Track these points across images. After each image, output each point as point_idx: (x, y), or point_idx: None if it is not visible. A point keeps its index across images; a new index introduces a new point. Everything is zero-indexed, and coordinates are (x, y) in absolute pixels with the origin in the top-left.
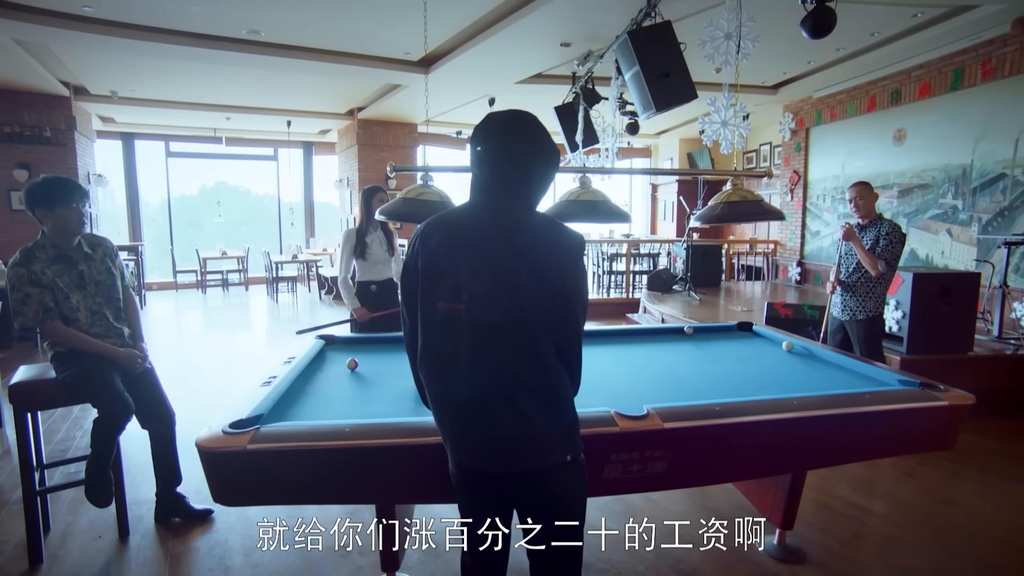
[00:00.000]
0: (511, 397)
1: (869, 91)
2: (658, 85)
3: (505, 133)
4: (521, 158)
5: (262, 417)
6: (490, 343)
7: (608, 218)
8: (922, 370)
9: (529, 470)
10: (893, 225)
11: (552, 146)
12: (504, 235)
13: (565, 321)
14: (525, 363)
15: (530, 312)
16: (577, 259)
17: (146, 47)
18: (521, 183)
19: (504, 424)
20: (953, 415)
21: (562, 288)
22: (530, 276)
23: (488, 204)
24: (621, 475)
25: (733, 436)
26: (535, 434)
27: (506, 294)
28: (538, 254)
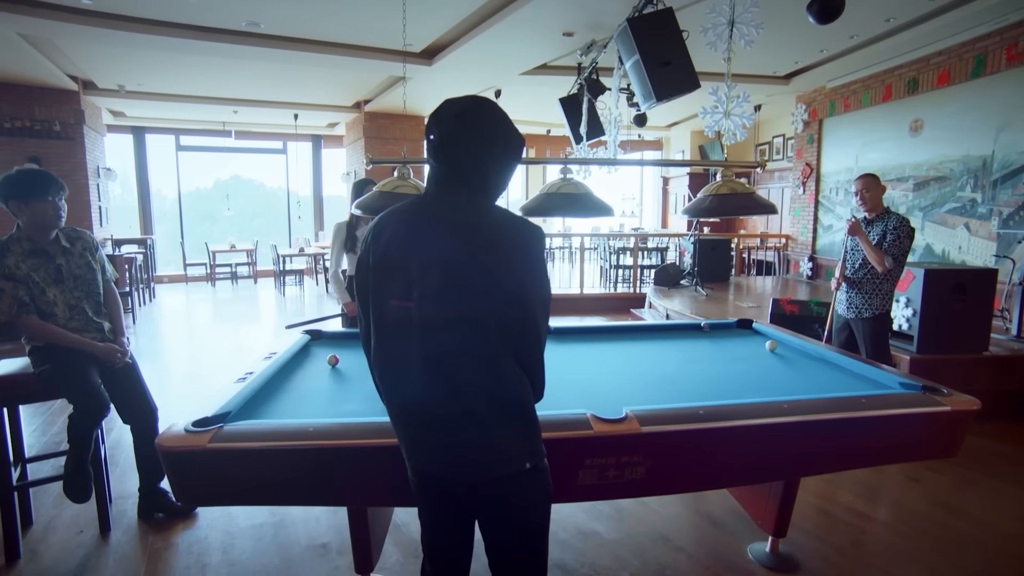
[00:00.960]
0: (465, 401)
1: (885, 80)
2: (658, 74)
3: (459, 121)
4: (476, 147)
5: (229, 415)
6: (442, 343)
7: (590, 212)
8: (933, 370)
9: (485, 478)
10: (901, 219)
11: (512, 134)
12: (455, 228)
13: (522, 322)
14: (479, 365)
15: (482, 311)
16: (533, 255)
17: (146, 40)
18: (476, 173)
19: (458, 430)
20: (956, 421)
21: (516, 286)
22: (481, 272)
23: (441, 196)
24: (597, 481)
25: (717, 442)
26: (491, 441)
27: (457, 291)
28: (489, 249)
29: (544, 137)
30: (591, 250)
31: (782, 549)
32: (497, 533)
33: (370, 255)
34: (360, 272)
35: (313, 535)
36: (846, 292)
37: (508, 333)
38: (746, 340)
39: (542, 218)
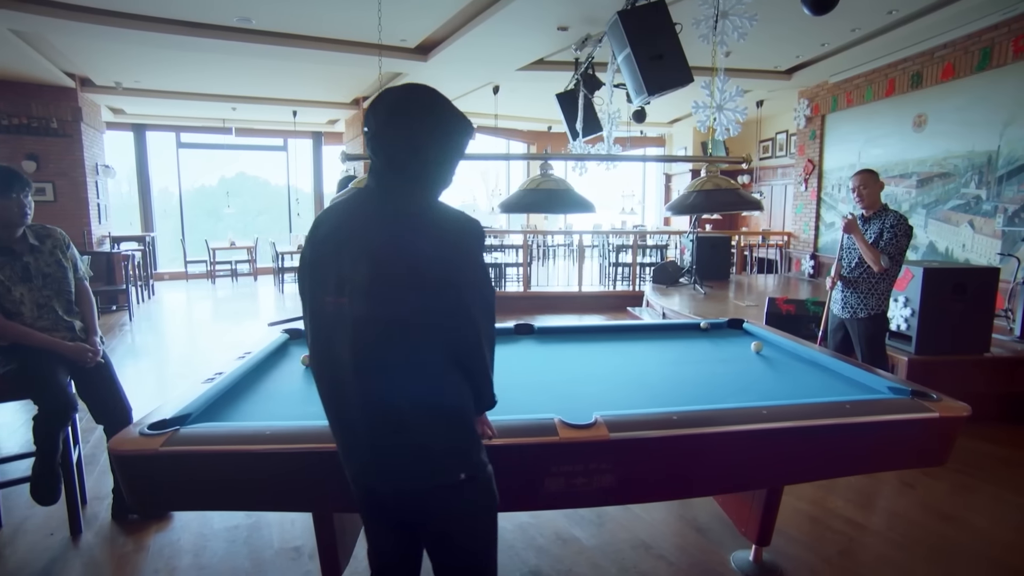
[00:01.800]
0: (392, 405)
1: (888, 74)
2: (650, 68)
3: (394, 110)
4: (413, 138)
5: (189, 417)
6: (372, 344)
7: (570, 207)
8: (932, 372)
9: (416, 488)
10: (899, 217)
11: (454, 123)
12: (386, 222)
13: (457, 324)
14: (407, 368)
15: (411, 309)
16: (467, 251)
17: (138, 36)
18: (413, 165)
19: (388, 437)
20: (945, 428)
21: (447, 284)
22: (409, 269)
23: (378, 189)
24: (564, 488)
25: (692, 449)
26: (419, 448)
27: (386, 288)
28: (418, 244)
29: (546, 134)
30: (591, 247)
31: (766, 558)
32: (436, 549)
33: (308, 250)
34: (301, 270)
35: (287, 538)
36: (841, 291)
37: (441, 334)
38: (734, 341)
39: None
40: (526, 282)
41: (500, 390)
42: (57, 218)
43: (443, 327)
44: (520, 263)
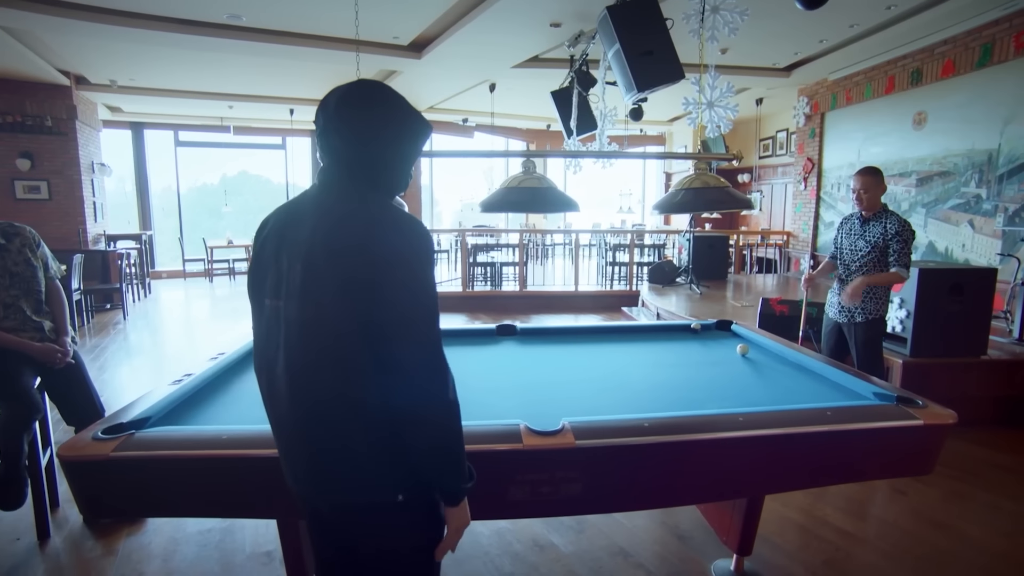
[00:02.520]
0: (321, 415)
1: (888, 71)
2: (639, 64)
3: (342, 105)
4: (360, 135)
5: (148, 420)
6: (302, 348)
7: (552, 207)
8: (927, 375)
9: (351, 504)
10: (902, 222)
11: (407, 120)
12: (323, 223)
13: (389, 331)
14: (339, 374)
15: (340, 314)
16: (403, 262)
17: (127, 33)
18: (359, 163)
19: (315, 445)
20: (929, 436)
21: (378, 289)
22: (340, 274)
23: (321, 188)
24: (529, 497)
25: (663, 458)
26: (352, 459)
27: (317, 291)
28: (352, 248)
29: (545, 132)
30: (588, 247)
31: (747, 567)
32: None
33: (253, 249)
34: (248, 270)
35: (260, 542)
36: (838, 295)
37: (374, 342)
38: (722, 343)
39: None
40: (522, 281)
41: (473, 393)
42: (52, 216)
43: (373, 334)
44: (516, 262)
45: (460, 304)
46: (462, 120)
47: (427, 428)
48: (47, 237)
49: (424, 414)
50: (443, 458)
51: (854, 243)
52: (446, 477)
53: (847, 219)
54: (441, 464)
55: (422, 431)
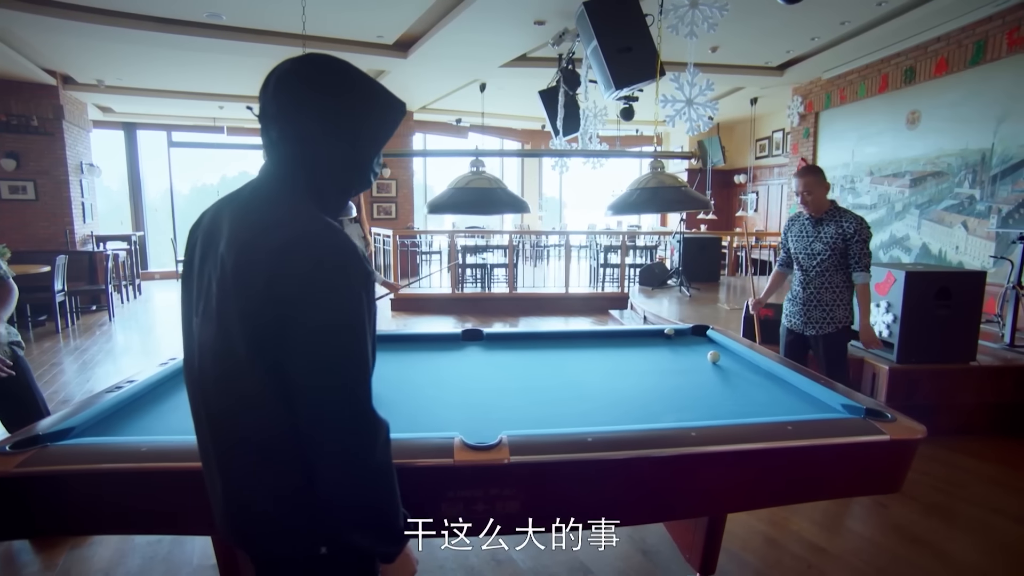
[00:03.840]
0: (232, 457)
1: (881, 70)
2: (617, 61)
3: (280, 89)
4: (294, 118)
5: (70, 432)
6: (214, 379)
7: (501, 207)
8: (915, 381)
9: (262, 555)
10: (859, 221)
11: (359, 103)
12: (237, 235)
13: (300, 383)
14: (246, 416)
15: (236, 335)
16: (318, 294)
17: (106, 31)
18: (292, 155)
19: (228, 490)
20: (896, 452)
21: (286, 329)
22: (239, 286)
23: (253, 187)
24: (463, 514)
25: (606, 474)
26: (262, 512)
27: (226, 317)
28: (257, 273)
29: (540, 132)
30: (581, 248)
31: None
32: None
33: (186, 251)
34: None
35: (208, 554)
36: (803, 305)
37: (286, 390)
38: (693, 349)
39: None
40: (511, 283)
41: (420, 403)
42: (39, 217)
43: (268, 360)
44: (506, 263)
45: (449, 306)
46: (455, 120)
47: (346, 493)
48: (34, 238)
49: (341, 479)
50: (366, 523)
51: (809, 246)
52: (368, 540)
53: (795, 220)
54: (363, 529)
55: (340, 495)
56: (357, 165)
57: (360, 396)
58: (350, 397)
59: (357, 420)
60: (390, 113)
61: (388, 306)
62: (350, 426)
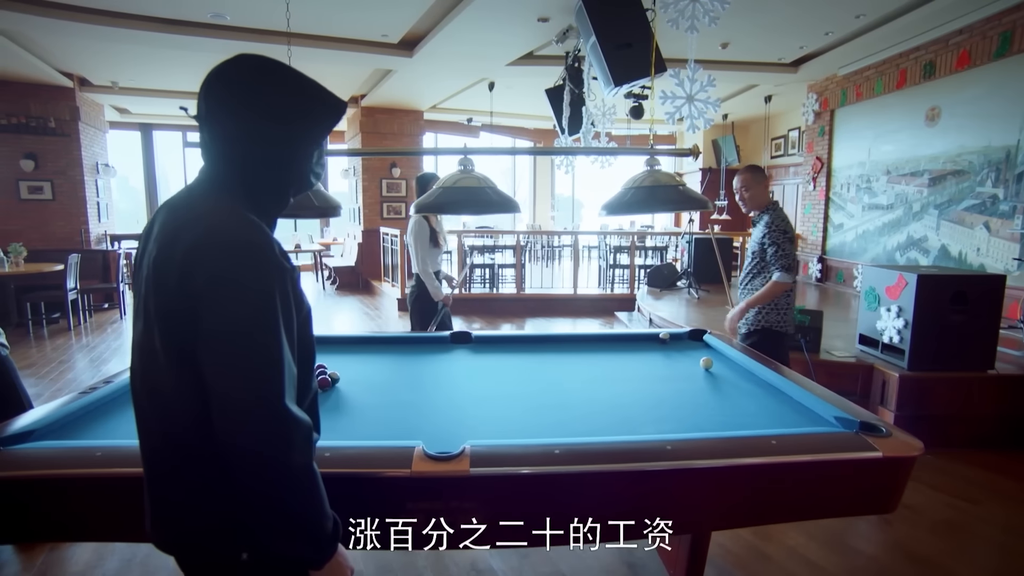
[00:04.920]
0: (152, 457)
1: (899, 64)
2: (616, 57)
3: (210, 92)
4: (224, 119)
5: (32, 435)
6: (140, 379)
7: (491, 208)
8: (926, 389)
9: (183, 561)
10: (774, 219)
11: (290, 104)
12: (165, 230)
13: (213, 381)
14: (163, 414)
15: (164, 348)
16: (229, 288)
17: (113, 32)
18: (221, 156)
19: (150, 492)
20: (888, 471)
21: (198, 324)
22: (158, 288)
23: (187, 189)
24: (421, 528)
25: (573, 490)
26: (180, 515)
27: (148, 315)
28: (172, 267)
29: (553, 131)
30: (591, 248)
31: None
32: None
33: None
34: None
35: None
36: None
37: (200, 388)
38: (687, 355)
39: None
40: (519, 284)
41: (389, 409)
42: (55, 216)
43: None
44: (514, 264)
45: (456, 307)
46: (467, 120)
47: (263, 497)
48: (51, 237)
49: (257, 483)
50: (287, 528)
51: (750, 246)
52: (291, 546)
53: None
54: (284, 534)
55: (257, 499)
56: (292, 165)
57: (271, 396)
58: (260, 397)
59: (269, 421)
60: (325, 113)
61: (395, 307)
62: (262, 427)
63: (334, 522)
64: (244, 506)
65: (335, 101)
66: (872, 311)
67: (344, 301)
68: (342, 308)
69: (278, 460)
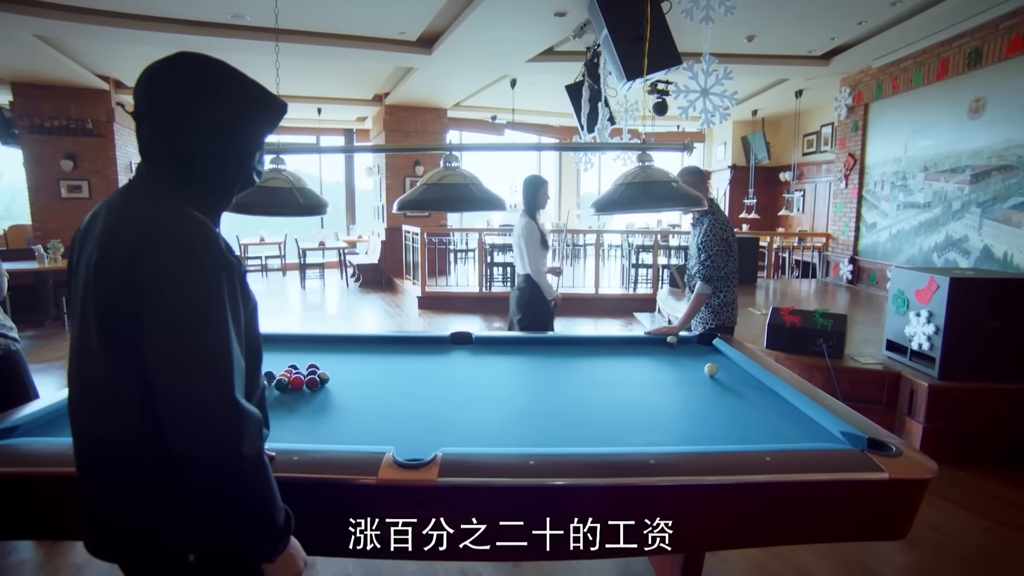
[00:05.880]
0: (89, 460)
1: (941, 54)
2: (628, 51)
3: (147, 88)
4: (161, 115)
5: (15, 431)
6: (77, 379)
7: (476, 205)
8: (959, 401)
9: (125, 566)
10: (710, 224)
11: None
12: (101, 229)
13: (157, 378)
14: (102, 415)
15: (102, 345)
16: (173, 282)
17: (144, 36)
18: (161, 151)
19: (87, 497)
20: (896, 494)
21: (142, 321)
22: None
23: (126, 186)
24: (387, 537)
25: (546, 504)
26: (121, 519)
27: (86, 313)
28: (113, 262)
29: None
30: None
31: None
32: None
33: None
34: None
35: None
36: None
37: (143, 385)
38: (693, 360)
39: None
40: None
41: (367, 413)
42: None
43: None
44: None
45: (476, 305)
46: (490, 117)
47: (211, 491)
48: None
49: (205, 477)
50: (237, 521)
51: (691, 248)
52: (243, 539)
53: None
54: (234, 527)
55: (205, 494)
56: (233, 162)
57: (220, 389)
58: (209, 391)
59: (219, 414)
60: (264, 111)
61: (415, 304)
62: (212, 421)
63: (286, 515)
64: (193, 503)
65: (276, 102)
66: (900, 315)
67: (367, 299)
68: (364, 306)
69: (229, 453)
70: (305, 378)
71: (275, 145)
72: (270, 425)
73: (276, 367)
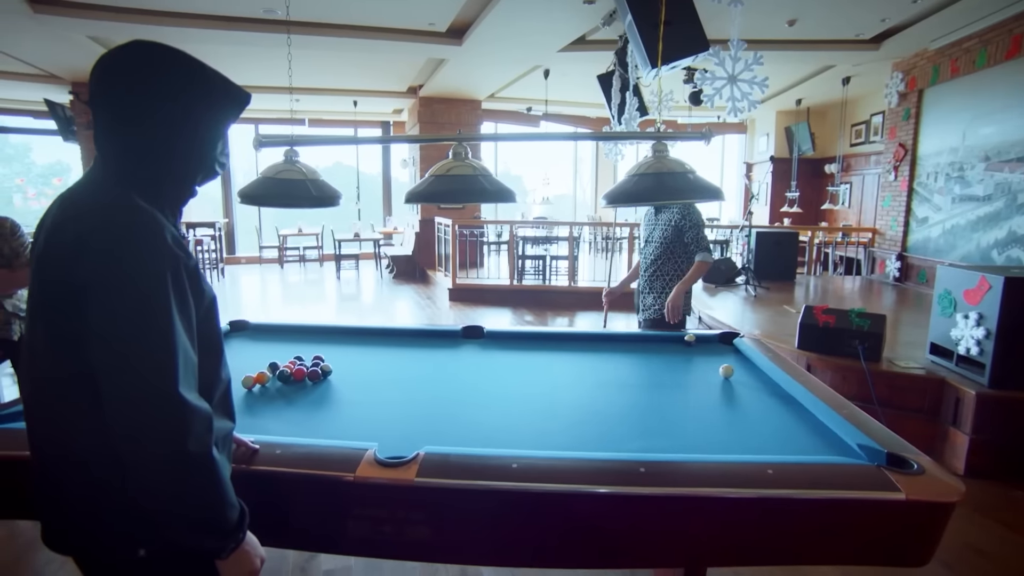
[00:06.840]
0: (36, 455)
1: (1012, 30)
2: (653, 36)
3: (100, 78)
4: (112, 109)
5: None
6: (27, 374)
7: (486, 196)
8: (1011, 412)
9: (79, 561)
10: (686, 208)
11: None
12: (50, 225)
13: (101, 373)
14: (47, 411)
15: (46, 340)
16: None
17: (181, 33)
18: (109, 142)
19: (36, 492)
20: (915, 517)
21: (83, 316)
22: (41, 282)
23: (78, 181)
24: (371, 535)
25: (529, 510)
26: (67, 515)
27: (32, 308)
28: (55, 257)
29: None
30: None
31: None
32: None
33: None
34: None
35: None
36: (638, 291)
37: (86, 379)
38: (709, 361)
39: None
40: (571, 276)
41: (366, 404)
42: None
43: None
44: (567, 256)
45: (508, 297)
46: (526, 109)
47: (157, 487)
48: None
49: (150, 472)
50: (184, 518)
51: (650, 234)
52: (190, 536)
53: (647, 211)
54: (181, 523)
55: (151, 489)
56: (193, 154)
57: (163, 383)
58: (152, 385)
59: (162, 409)
60: (223, 101)
61: (446, 296)
62: (155, 415)
63: (240, 511)
64: (139, 497)
65: (237, 91)
66: (947, 317)
67: (399, 290)
68: (397, 297)
69: (173, 448)
70: (307, 370)
71: (288, 137)
72: (263, 417)
73: (282, 358)
